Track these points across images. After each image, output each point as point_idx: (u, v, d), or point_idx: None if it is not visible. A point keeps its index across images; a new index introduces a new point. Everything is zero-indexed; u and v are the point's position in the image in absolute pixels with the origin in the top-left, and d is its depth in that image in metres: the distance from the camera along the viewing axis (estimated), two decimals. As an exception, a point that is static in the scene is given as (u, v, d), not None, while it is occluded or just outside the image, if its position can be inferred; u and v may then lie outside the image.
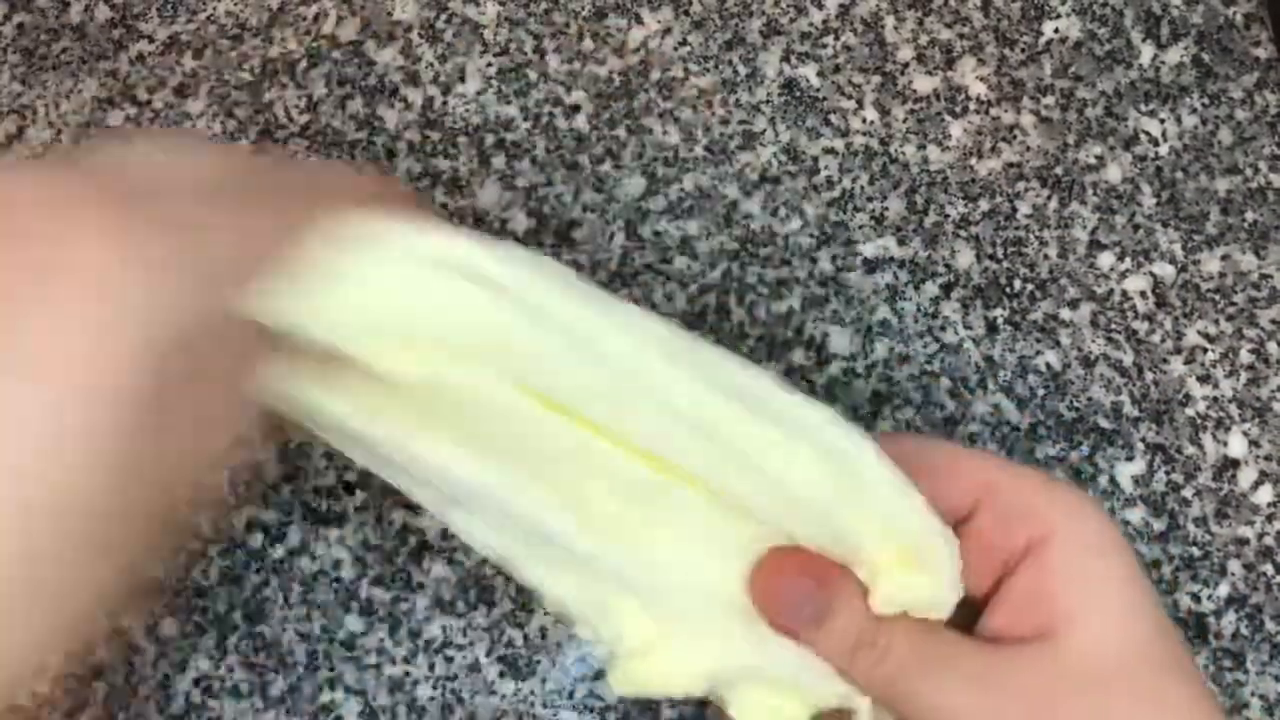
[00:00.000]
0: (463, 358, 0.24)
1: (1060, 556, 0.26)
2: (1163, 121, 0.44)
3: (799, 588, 0.26)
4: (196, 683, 0.38)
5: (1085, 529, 0.26)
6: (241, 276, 0.22)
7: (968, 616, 0.28)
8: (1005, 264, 0.42)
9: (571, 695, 0.38)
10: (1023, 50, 0.45)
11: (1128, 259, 0.42)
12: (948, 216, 0.42)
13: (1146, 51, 0.45)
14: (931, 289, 0.42)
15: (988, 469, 0.27)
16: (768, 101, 0.44)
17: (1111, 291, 0.42)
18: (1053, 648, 0.25)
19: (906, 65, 0.44)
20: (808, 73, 0.44)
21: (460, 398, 0.24)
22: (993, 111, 0.44)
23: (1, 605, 0.19)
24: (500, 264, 0.24)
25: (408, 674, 0.38)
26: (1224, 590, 0.39)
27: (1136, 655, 0.25)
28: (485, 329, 0.24)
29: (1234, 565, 0.39)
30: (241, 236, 0.22)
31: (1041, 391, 0.40)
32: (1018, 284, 0.42)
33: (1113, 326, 0.41)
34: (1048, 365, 0.41)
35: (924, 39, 0.45)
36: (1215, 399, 0.40)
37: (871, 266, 0.42)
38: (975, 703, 0.25)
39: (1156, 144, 0.43)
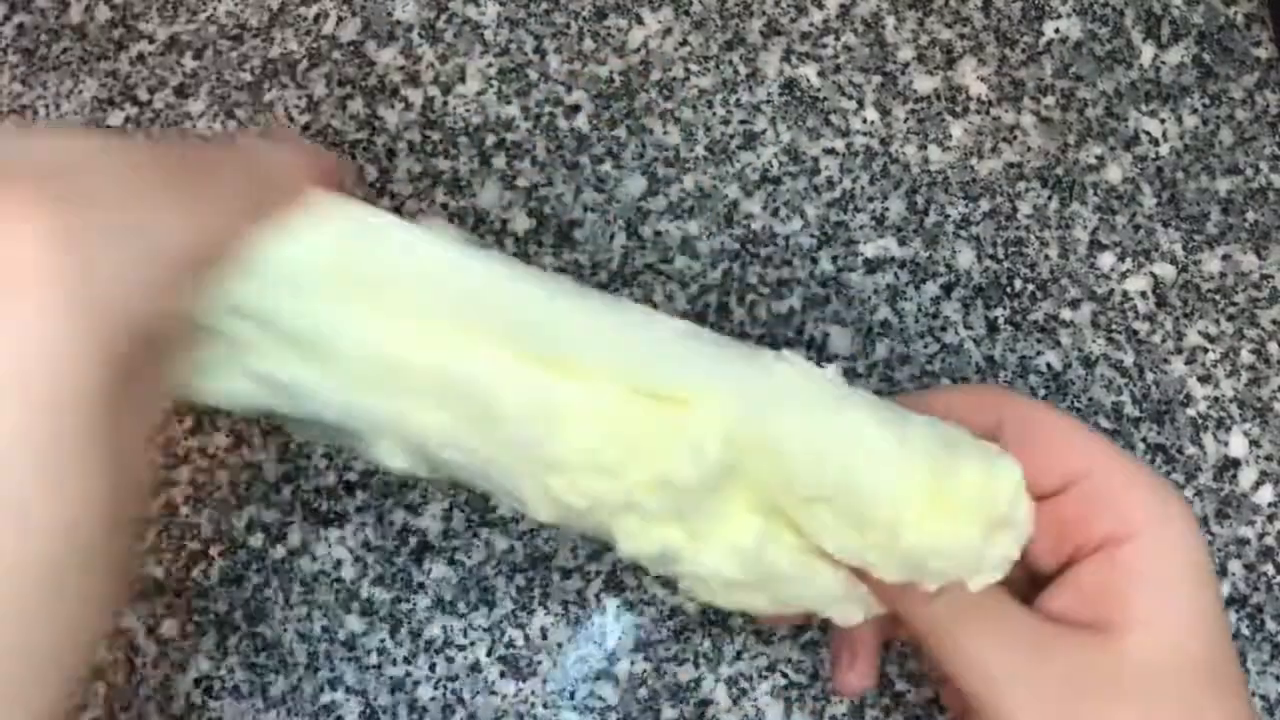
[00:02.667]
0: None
1: (1138, 558, 0.26)
2: (1163, 121, 0.44)
3: None
4: (197, 683, 0.38)
5: (1169, 536, 0.26)
6: (186, 262, 0.22)
7: (1025, 593, 0.27)
8: (1006, 264, 0.42)
9: (572, 695, 0.38)
10: (1023, 50, 0.45)
11: (1128, 259, 0.42)
12: (948, 217, 0.42)
13: (1147, 51, 0.45)
14: (932, 289, 0.42)
15: (1090, 453, 0.27)
16: (768, 101, 0.44)
17: (1112, 292, 0.42)
18: (1108, 641, 0.25)
19: (907, 65, 0.44)
20: (808, 73, 0.44)
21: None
22: (993, 111, 0.44)
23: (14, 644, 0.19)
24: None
25: (408, 674, 0.38)
26: (1224, 590, 0.39)
27: (1191, 667, 0.25)
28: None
29: (1235, 565, 0.39)
30: (181, 220, 0.22)
31: (1042, 392, 0.40)
32: (1018, 284, 0.42)
33: (1113, 327, 0.41)
34: (1048, 365, 0.41)
35: (924, 39, 0.45)
36: (1216, 399, 0.40)
37: (872, 266, 0.42)
38: (1017, 667, 0.25)
39: (1157, 144, 0.43)
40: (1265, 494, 0.40)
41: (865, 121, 0.44)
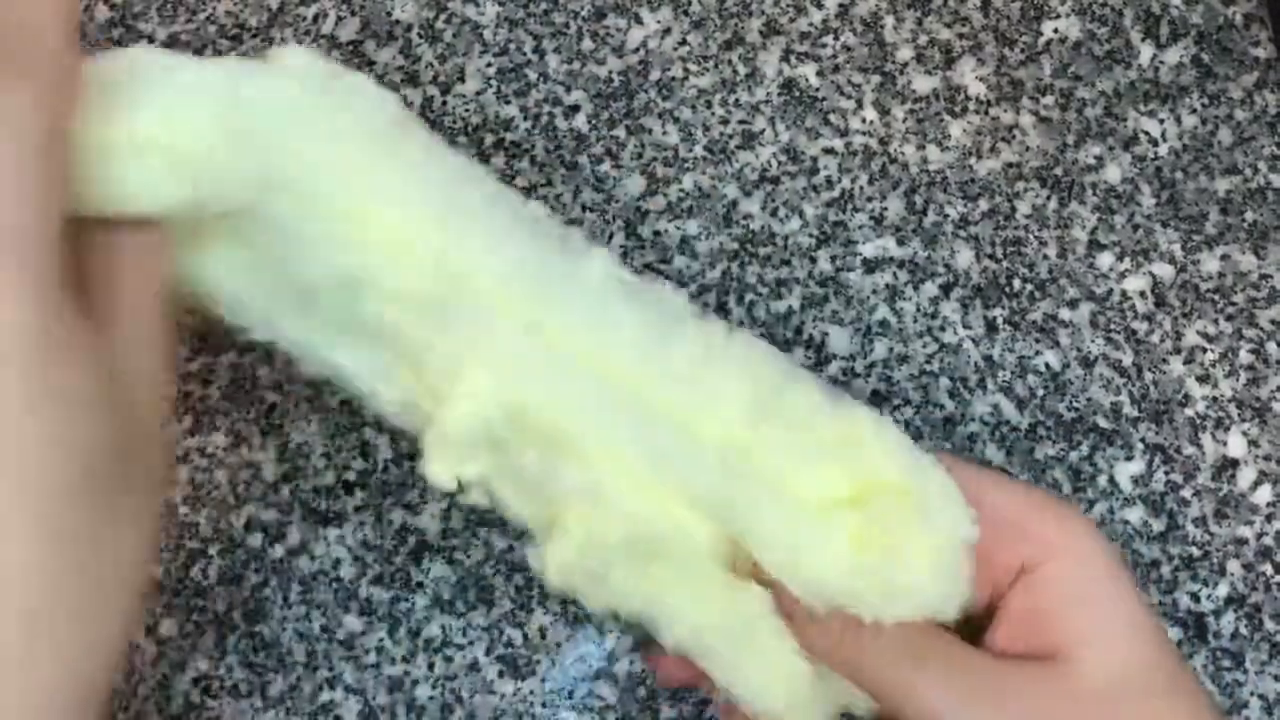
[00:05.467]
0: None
1: (1062, 579, 0.26)
2: (1162, 122, 0.44)
3: None
4: (196, 682, 0.38)
5: (1084, 550, 0.26)
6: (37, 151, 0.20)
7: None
8: (1005, 264, 0.42)
9: (571, 695, 0.38)
10: (1022, 50, 0.45)
11: (1127, 259, 0.42)
12: (947, 216, 0.42)
13: (1146, 51, 0.45)
14: (931, 289, 0.42)
15: (981, 485, 0.27)
16: (767, 101, 0.44)
17: (1111, 291, 0.42)
18: (1059, 667, 0.25)
19: (906, 65, 0.44)
20: (807, 72, 0.44)
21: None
22: (992, 111, 0.44)
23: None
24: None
25: (407, 673, 0.38)
26: (1223, 590, 0.39)
27: (1141, 678, 0.25)
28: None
29: (1233, 565, 0.39)
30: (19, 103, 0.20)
31: (1041, 391, 0.40)
32: (1017, 284, 0.42)
33: (1112, 326, 0.41)
34: (1047, 365, 0.41)
35: (923, 39, 0.45)
36: (1214, 399, 0.40)
37: (871, 266, 0.42)
38: (980, 710, 0.25)
39: (1156, 144, 0.43)
40: (1264, 494, 0.40)
41: (864, 121, 0.44)
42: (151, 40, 0.46)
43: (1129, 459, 0.40)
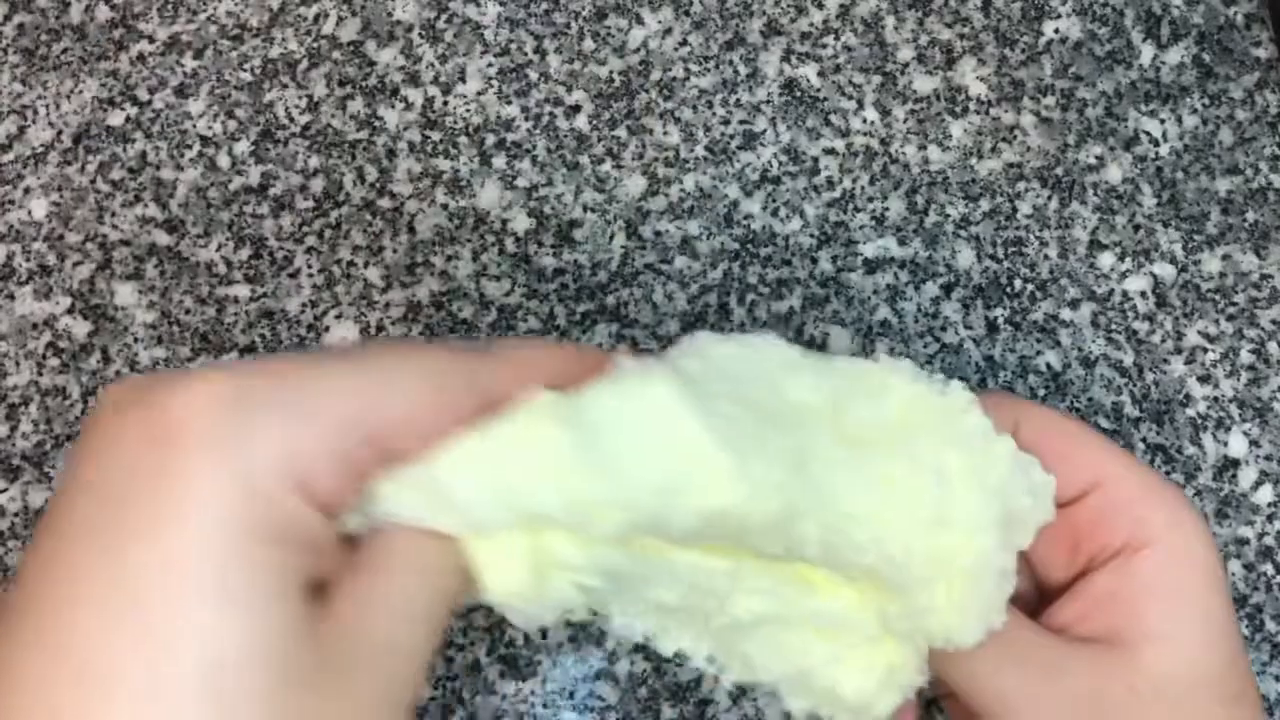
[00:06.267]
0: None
1: (1153, 568, 0.25)
2: (1163, 122, 0.44)
3: None
4: (197, 683, 0.38)
5: (1185, 544, 0.25)
6: (347, 429, 0.20)
7: (1035, 607, 0.27)
8: (1005, 264, 0.42)
9: (572, 695, 0.38)
10: (1023, 50, 0.45)
11: (1128, 259, 0.42)
12: (948, 216, 0.42)
13: (1147, 52, 0.45)
14: (932, 289, 0.42)
15: (1104, 461, 0.26)
16: (768, 101, 0.44)
17: (1112, 291, 0.42)
18: (1122, 656, 0.25)
19: (907, 65, 0.44)
20: (808, 73, 0.44)
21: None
22: (993, 112, 0.44)
23: None
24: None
25: (408, 674, 0.38)
26: (1224, 590, 0.39)
27: (1207, 683, 0.24)
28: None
29: (1234, 565, 0.39)
30: (345, 386, 0.21)
31: (1042, 392, 0.40)
32: (1018, 284, 0.42)
33: (1113, 326, 0.41)
34: (1048, 365, 0.41)
35: (924, 39, 0.45)
36: (1215, 399, 0.40)
37: (872, 267, 0.42)
38: (1032, 688, 0.24)
39: (1157, 144, 0.43)
40: (1265, 494, 0.40)
41: (865, 121, 0.44)
42: (152, 40, 0.46)
43: (1130, 459, 0.40)
